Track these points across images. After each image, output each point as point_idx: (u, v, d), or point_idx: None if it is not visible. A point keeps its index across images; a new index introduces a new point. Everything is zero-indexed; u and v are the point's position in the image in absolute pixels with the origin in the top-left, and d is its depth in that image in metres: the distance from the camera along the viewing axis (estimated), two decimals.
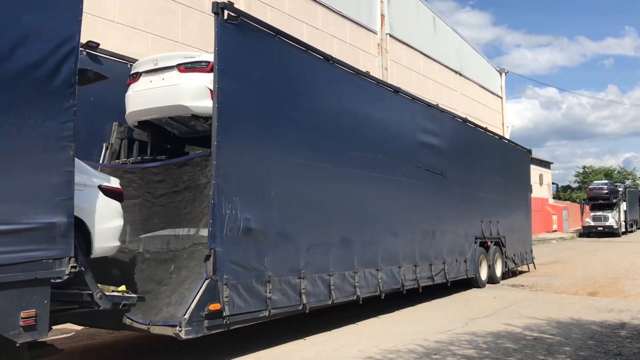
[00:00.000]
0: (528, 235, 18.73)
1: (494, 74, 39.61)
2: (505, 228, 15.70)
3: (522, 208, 18.21)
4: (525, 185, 18.93)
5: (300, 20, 19.55)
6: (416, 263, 11.00)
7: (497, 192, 15.49)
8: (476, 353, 7.27)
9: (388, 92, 11.00)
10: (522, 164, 18.79)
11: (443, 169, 12.38)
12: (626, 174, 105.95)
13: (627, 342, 7.92)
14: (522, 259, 17.38)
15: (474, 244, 13.73)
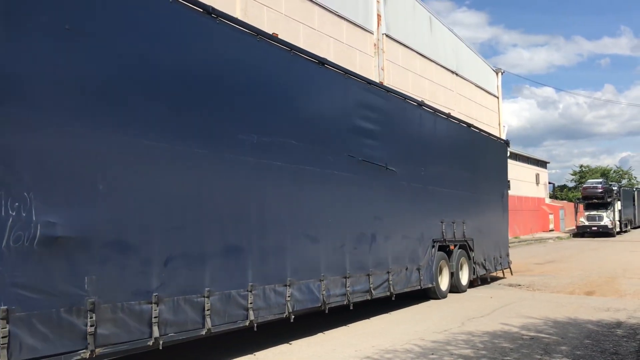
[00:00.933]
0: (504, 236, 16.58)
1: (490, 74, 39.68)
2: (473, 229, 13.83)
3: (497, 206, 16.09)
4: (501, 181, 16.77)
5: (297, 21, 19.57)
6: (346, 274, 9.05)
7: (463, 188, 13.53)
8: (473, 353, 7.28)
9: (309, 63, 8.84)
10: (497, 157, 16.70)
11: (389, 161, 10.48)
12: (622, 173, 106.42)
13: (624, 341, 7.95)
14: (495, 264, 15.34)
15: (431, 249, 11.85)
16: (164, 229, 6.13)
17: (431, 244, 11.87)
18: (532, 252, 26.88)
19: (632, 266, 19.14)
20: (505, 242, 16.60)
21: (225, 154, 7.01)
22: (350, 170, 9.37)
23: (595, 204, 42.06)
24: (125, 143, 5.78)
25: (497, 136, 16.77)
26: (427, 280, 11.62)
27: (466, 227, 13.46)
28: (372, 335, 8.56)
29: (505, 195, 16.91)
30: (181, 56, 6.52)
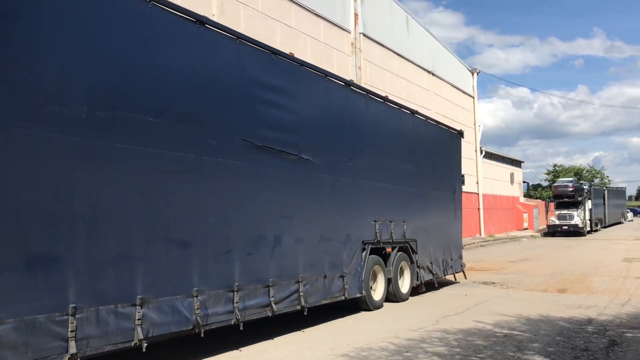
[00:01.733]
0: (456, 237, 14.96)
1: (466, 74, 40.06)
2: (417, 229, 12.45)
3: (447, 204, 14.47)
4: (454, 175, 15.13)
5: (274, 19, 19.51)
6: (234, 287, 7.22)
7: (405, 182, 12.04)
8: (447, 350, 7.34)
9: (180, 21, 6.95)
10: (449, 149, 15.03)
11: (304, 148, 8.85)
12: (595, 172, 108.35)
13: (594, 337, 8.09)
14: (445, 267, 13.82)
15: (360, 252, 10.25)
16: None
17: (361, 246, 10.27)
18: (507, 251, 27.22)
19: (603, 264, 19.48)
20: (458, 243, 15.01)
21: (24, 130, 5.05)
22: (244, 158, 7.61)
23: (566, 203, 41.72)
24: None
25: (449, 126, 15.19)
26: (354, 289, 9.96)
27: (408, 226, 12.05)
28: (348, 333, 8.59)
29: (458, 191, 15.34)
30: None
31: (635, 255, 23.12)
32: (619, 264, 19.35)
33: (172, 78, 6.69)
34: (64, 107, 5.40)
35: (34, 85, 5.19)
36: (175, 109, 6.69)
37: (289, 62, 8.84)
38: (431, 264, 13.06)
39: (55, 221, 5.28)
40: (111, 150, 5.86)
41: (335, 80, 10.16)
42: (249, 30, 18.17)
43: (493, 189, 43.79)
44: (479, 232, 39.05)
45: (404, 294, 11.87)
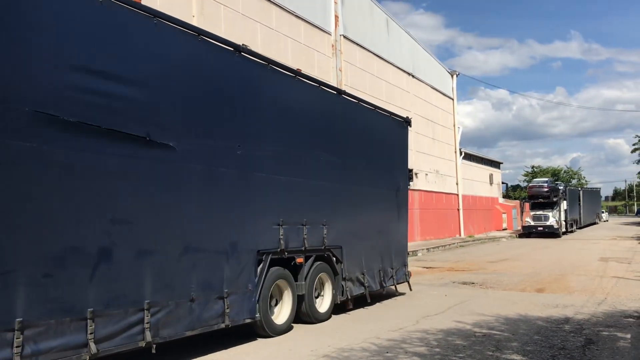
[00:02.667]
0: (400, 242, 12.77)
1: (445, 76, 40.39)
2: (344, 233, 10.32)
3: (388, 202, 12.35)
4: (398, 169, 12.96)
5: (254, 20, 19.50)
6: (14, 325, 5.06)
7: (327, 177, 9.89)
8: (427, 350, 7.41)
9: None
10: (392, 138, 12.76)
11: (157, 128, 6.63)
12: (572, 173, 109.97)
13: (571, 336, 8.23)
14: (383, 278, 11.65)
15: (254, 265, 7.99)
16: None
17: (255, 257, 8.01)
18: (486, 251, 27.48)
19: (580, 263, 19.77)
20: (402, 249, 12.88)
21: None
22: (39, 137, 5.35)
23: (541, 204, 40.89)
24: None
25: (392, 112, 12.96)
26: (243, 312, 7.75)
27: (330, 230, 9.87)
28: (329, 334, 8.61)
29: (403, 188, 13.17)
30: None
31: (612, 254, 23.51)
32: (595, 264, 19.66)
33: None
34: None
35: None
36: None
37: (128, 10, 6.36)
38: (363, 275, 10.91)
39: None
40: None
41: (211, 41, 7.66)
42: (229, 31, 18.15)
43: (472, 189, 44.20)
44: (458, 233, 39.38)
45: (322, 313, 9.67)
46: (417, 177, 32.91)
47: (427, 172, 34.76)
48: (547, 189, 41.29)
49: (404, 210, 13.18)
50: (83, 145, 5.77)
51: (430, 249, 27.36)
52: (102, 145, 5.96)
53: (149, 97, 6.56)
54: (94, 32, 5.93)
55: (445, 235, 36.70)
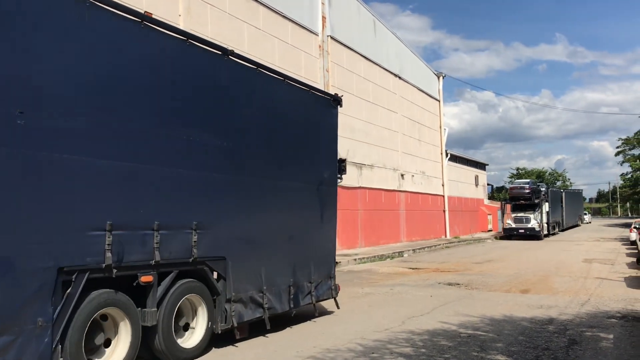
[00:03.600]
0: (324, 248, 10.35)
1: (432, 78, 40.58)
2: (231, 240, 7.92)
3: (307, 200, 9.92)
4: (322, 159, 10.48)
5: (241, 20, 19.45)
6: None
7: (203, 164, 7.50)
8: (413, 351, 7.43)
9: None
10: (314, 121, 10.27)
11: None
12: (557, 175, 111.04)
13: (555, 336, 8.29)
14: (296, 296, 9.29)
15: (49, 290, 5.48)
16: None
17: (55, 277, 5.52)
18: (471, 252, 27.62)
19: (564, 265, 19.94)
20: (327, 258, 10.40)
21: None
22: None
23: (523, 205, 39.80)
24: None
25: (313, 87, 10.58)
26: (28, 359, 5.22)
27: (205, 237, 7.40)
28: (314, 336, 8.60)
29: (330, 183, 10.58)
30: None
31: (595, 256, 23.75)
32: (579, 265, 19.84)
33: None
34: None
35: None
36: None
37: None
38: (262, 294, 8.42)
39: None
40: None
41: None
42: (215, 31, 18.09)
43: (458, 191, 44.44)
44: (444, 234, 39.56)
45: (189, 349, 7.25)
46: (404, 179, 33.02)
47: (414, 174, 34.89)
48: (528, 190, 40.32)
49: (330, 210, 10.60)
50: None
51: (416, 250, 27.45)
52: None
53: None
54: None
55: (431, 236, 36.86)
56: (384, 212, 30.29)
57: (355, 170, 26.95)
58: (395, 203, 31.88)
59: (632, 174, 72.56)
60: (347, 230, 26.07)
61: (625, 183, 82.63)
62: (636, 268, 17.73)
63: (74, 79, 5.81)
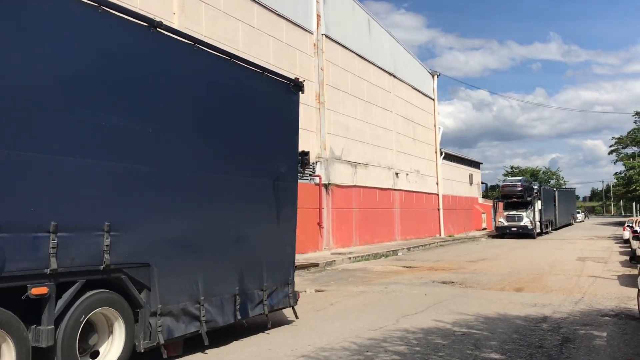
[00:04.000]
0: (280, 251, 9.20)
1: (426, 77, 40.62)
2: (158, 243, 6.87)
3: (258, 197, 8.73)
4: (277, 151, 9.22)
5: (235, 18, 19.42)
6: None
7: (118, 154, 6.38)
8: (407, 349, 7.44)
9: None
10: (266, 107, 9.03)
11: None
12: (551, 174, 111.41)
13: (548, 334, 8.33)
14: (241, 306, 8.11)
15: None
16: None
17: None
18: (466, 250, 27.69)
19: (558, 263, 20.01)
20: (285, 262, 9.27)
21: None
22: None
23: (515, 203, 39.24)
24: None
25: (266, 69, 9.16)
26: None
27: (122, 240, 6.34)
28: (309, 333, 8.60)
29: (288, 178, 9.38)
30: None
31: (589, 254, 23.84)
32: (573, 263, 19.92)
33: None
34: None
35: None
36: None
37: None
38: (199, 305, 7.33)
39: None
40: None
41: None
42: (210, 30, 18.05)
43: (453, 189, 44.52)
44: (438, 232, 39.64)
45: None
46: (398, 177, 33.05)
47: (408, 172, 34.93)
48: (520, 188, 39.80)
49: (288, 208, 9.41)
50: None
51: (410, 249, 27.49)
52: None
53: None
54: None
55: (425, 235, 36.92)
56: (379, 210, 30.33)
57: (349, 169, 26.97)
58: (390, 202, 31.91)
59: (625, 172, 72.82)
60: (341, 229, 26.09)
61: (618, 182, 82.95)
62: (629, 266, 17.81)
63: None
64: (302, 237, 22.86)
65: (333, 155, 25.52)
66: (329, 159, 25.08)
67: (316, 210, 24.10)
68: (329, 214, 25.01)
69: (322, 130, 24.87)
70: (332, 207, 25.28)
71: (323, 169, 24.65)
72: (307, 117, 23.95)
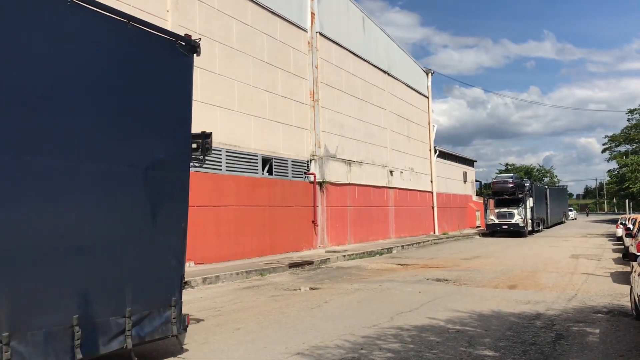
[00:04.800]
0: (159, 265, 6.98)
1: (421, 75, 40.66)
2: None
3: (125, 191, 6.53)
4: (154, 131, 6.97)
5: (230, 16, 19.37)
6: None
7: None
8: (401, 347, 7.46)
9: None
10: (140, 69, 6.74)
11: None
12: (545, 172, 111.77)
13: (542, 331, 8.36)
14: (87, 341, 5.79)
15: None
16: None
17: None
18: (459, 248, 27.75)
19: (552, 260, 20.08)
20: (163, 278, 7.03)
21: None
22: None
23: (506, 201, 38.21)
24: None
25: (138, 19, 6.79)
26: None
27: None
28: (303, 331, 8.60)
29: (170, 166, 7.12)
30: None
31: (582, 252, 23.95)
32: (566, 261, 20.00)
33: None
34: None
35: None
36: None
37: None
38: (1, 345, 5.04)
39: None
40: None
41: None
42: (204, 27, 18.01)
43: (447, 187, 44.61)
44: (433, 230, 39.71)
45: None
46: (393, 175, 33.08)
47: (402, 170, 34.97)
48: (512, 185, 38.85)
49: (172, 206, 7.21)
50: None
51: (405, 246, 27.54)
52: None
53: None
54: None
55: (419, 233, 36.97)
56: (373, 208, 30.36)
57: (344, 167, 26.98)
58: (384, 199, 31.95)
59: (618, 170, 73.12)
60: (336, 227, 26.11)
61: (611, 179, 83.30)
62: (622, 263, 17.91)
63: None
64: (296, 235, 22.98)
65: (327, 153, 25.52)
66: (324, 157, 25.08)
67: (310, 208, 24.12)
68: (323, 212, 25.03)
69: (317, 128, 24.87)
70: (327, 205, 25.29)
71: (317, 167, 24.66)
72: (301, 115, 23.95)
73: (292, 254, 21.71)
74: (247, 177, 19.92)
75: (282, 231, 21.99)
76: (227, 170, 18.91)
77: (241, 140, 19.74)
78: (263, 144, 21.06)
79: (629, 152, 73.01)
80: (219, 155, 18.48)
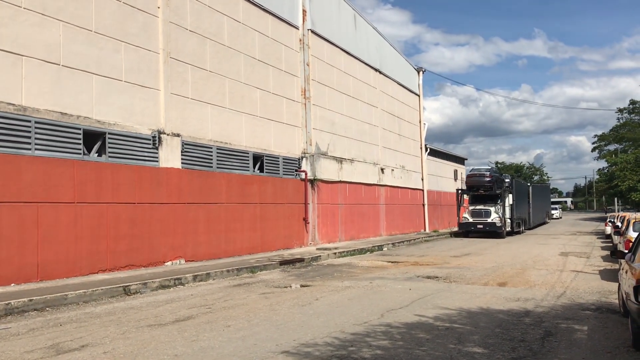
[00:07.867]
0: None
1: (412, 73, 40.72)
2: None
3: None
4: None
5: (221, 13, 19.32)
6: None
7: None
8: (390, 344, 7.48)
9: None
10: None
11: None
12: (535, 170, 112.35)
13: (531, 328, 8.41)
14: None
15: None
16: None
17: None
18: (450, 245, 27.86)
19: (541, 258, 20.21)
20: None
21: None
22: None
23: (482, 197, 34.18)
24: None
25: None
26: None
27: None
28: (293, 328, 8.61)
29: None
30: None
31: (571, 249, 24.12)
32: (555, 258, 20.14)
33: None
34: None
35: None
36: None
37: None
38: None
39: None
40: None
41: None
42: (195, 24, 17.95)
43: (438, 185, 44.72)
44: (423, 228, 39.81)
45: None
46: (384, 173, 33.14)
47: (394, 168, 35.02)
48: (489, 179, 34.38)
49: None
50: None
51: (395, 244, 27.60)
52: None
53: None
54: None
55: (410, 230, 37.06)
56: (364, 206, 30.40)
57: (335, 165, 26.99)
58: (375, 197, 31.99)
59: (608, 168, 73.63)
60: (327, 224, 26.13)
61: (601, 178, 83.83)
62: (611, 261, 18.06)
63: None
64: (287, 233, 22.99)
65: (319, 151, 25.52)
66: (315, 155, 25.08)
67: (302, 205, 24.12)
68: (314, 210, 25.03)
69: (308, 125, 24.86)
70: (318, 203, 25.30)
71: (309, 165, 24.65)
72: (293, 112, 23.93)
73: (283, 252, 21.71)
74: (238, 175, 19.90)
75: (273, 229, 21.99)
76: (218, 167, 18.87)
77: (232, 137, 19.71)
78: (254, 141, 21.03)
79: (619, 151, 73.52)
80: (209, 153, 18.44)
